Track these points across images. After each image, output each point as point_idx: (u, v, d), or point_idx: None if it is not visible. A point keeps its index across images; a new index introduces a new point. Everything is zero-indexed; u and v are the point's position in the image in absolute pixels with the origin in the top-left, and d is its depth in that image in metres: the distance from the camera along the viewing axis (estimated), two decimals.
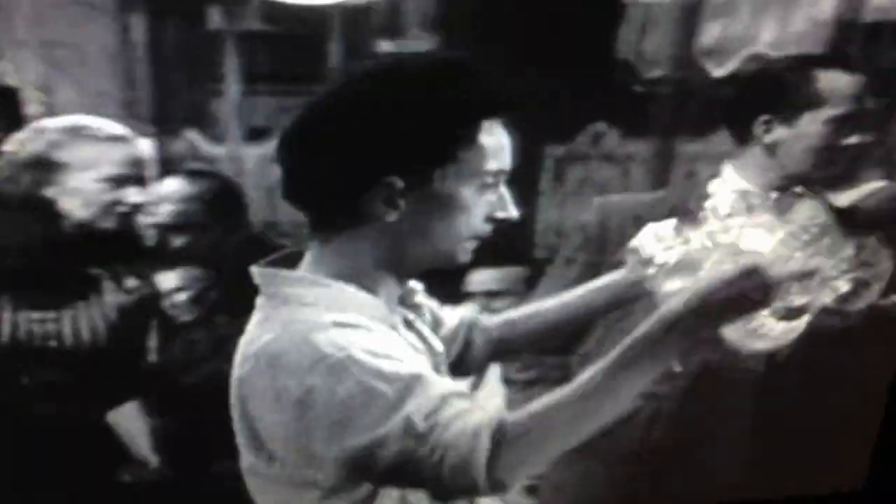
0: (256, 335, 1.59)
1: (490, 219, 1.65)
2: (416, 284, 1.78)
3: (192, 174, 3.35)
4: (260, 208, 2.83)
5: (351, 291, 1.61)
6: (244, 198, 2.84)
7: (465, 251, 1.66)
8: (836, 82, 2.42)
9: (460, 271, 2.18)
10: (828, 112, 2.41)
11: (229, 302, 2.61)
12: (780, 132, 2.46)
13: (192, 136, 3.57)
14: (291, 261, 1.68)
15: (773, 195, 2.40)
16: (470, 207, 1.61)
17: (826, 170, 2.45)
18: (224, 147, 2.95)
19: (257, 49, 3.25)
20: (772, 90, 2.51)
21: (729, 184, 2.50)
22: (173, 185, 3.21)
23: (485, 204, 1.63)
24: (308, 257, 1.66)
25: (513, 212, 1.66)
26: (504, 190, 1.66)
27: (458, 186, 1.60)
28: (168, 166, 3.60)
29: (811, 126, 2.43)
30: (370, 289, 1.63)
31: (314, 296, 1.59)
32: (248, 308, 1.64)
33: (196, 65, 3.09)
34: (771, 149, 2.46)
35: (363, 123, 1.55)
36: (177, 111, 3.13)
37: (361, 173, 1.57)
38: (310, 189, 1.63)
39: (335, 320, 1.53)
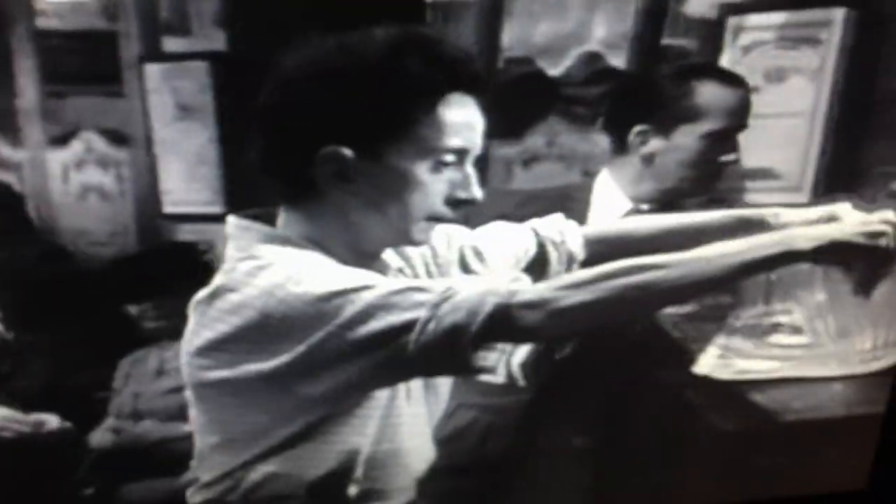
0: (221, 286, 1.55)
1: (450, 200, 1.59)
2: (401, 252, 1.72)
3: None
4: (67, 216, 2.62)
5: (316, 254, 1.57)
6: (23, 206, 2.63)
7: (422, 231, 1.60)
8: (715, 95, 2.34)
9: None
10: (704, 126, 2.31)
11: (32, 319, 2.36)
12: (655, 143, 2.35)
13: None
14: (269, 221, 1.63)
15: (644, 207, 2.36)
16: (425, 185, 1.56)
17: (700, 187, 2.36)
18: (25, 151, 2.74)
19: (56, 47, 3.05)
20: (647, 99, 2.42)
21: (604, 191, 2.40)
22: None
23: (444, 183, 1.58)
24: (281, 220, 1.63)
25: (475, 193, 1.59)
26: (469, 170, 1.59)
27: (413, 163, 1.55)
28: None
29: (686, 139, 2.33)
30: (334, 257, 1.59)
31: (281, 254, 1.55)
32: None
33: None
34: (647, 160, 2.36)
35: (315, 91, 1.52)
36: None
37: (310, 140, 1.53)
38: (266, 155, 1.59)
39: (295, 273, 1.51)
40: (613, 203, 2.36)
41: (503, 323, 1.44)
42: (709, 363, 1.90)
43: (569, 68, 2.82)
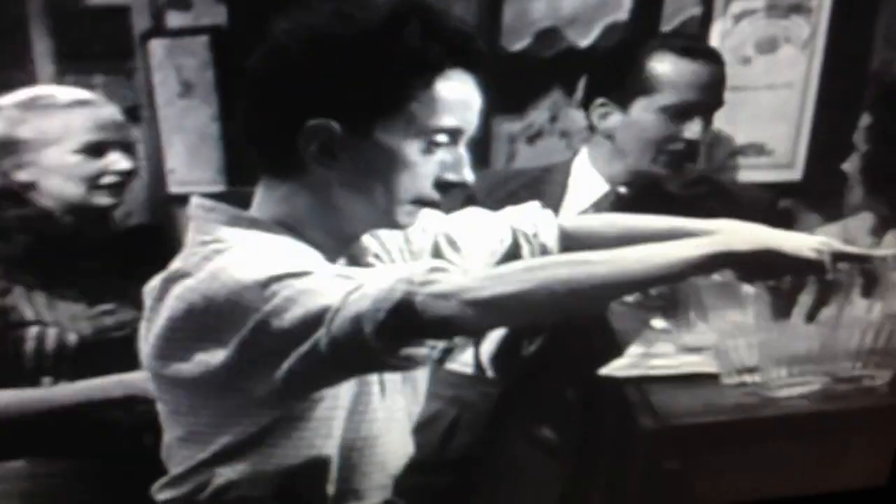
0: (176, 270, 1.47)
1: (440, 182, 1.50)
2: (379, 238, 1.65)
3: None
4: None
5: (284, 237, 1.49)
6: None
7: (408, 214, 1.51)
8: (672, 68, 2.20)
9: None
10: (660, 100, 2.20)
11: None
12: (614, 118, 2.25)
13: None
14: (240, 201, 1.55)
15: (622, 189, 2.28)
16: (414, 166, 1.47)
17: (673, 167, 2.25)
18: None
19: (65, 27, 3.17)
20: (607, 72, 2.32)
21: (581, 171, 2.32)
22: None
23: (434, 164, 1.49)
24: (255, 201, 1.54)
25: (467, 176, 1.51)
26: (462, 151, 1.50)
27: (403, 141, 1.45)
28: None
29: (643, 114, 2.22)
30: (306, 241, 1.50)
31: (244, 237, 1.47)
32: None
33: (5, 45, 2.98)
34: (609, 136, 2.26)
35: (307, 59, 1.43)
36: None
37: (297, 111, 1.44)
38: (254, 123, 1.50)
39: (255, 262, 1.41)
40: (589, 184, 2.28)
41: (413, 313, 1.33)
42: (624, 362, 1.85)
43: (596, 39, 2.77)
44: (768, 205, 2.38)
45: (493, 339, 2.22)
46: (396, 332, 1.33)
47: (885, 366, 1.68)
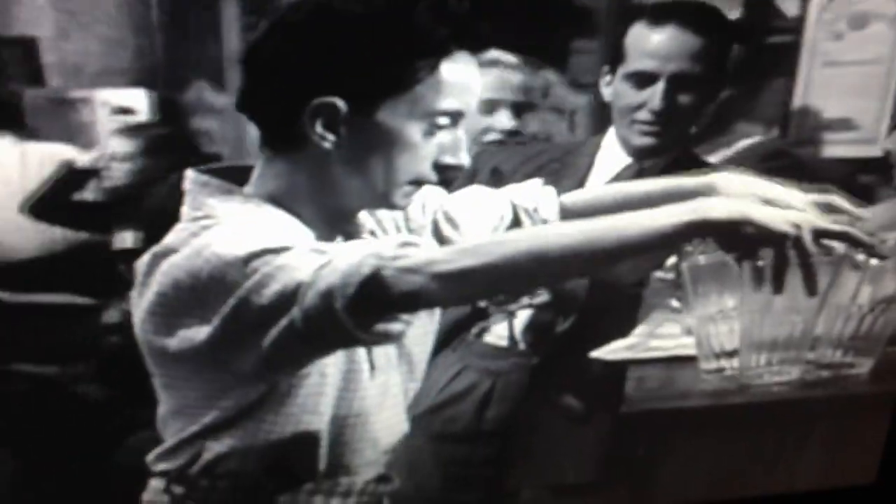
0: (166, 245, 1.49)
1: (437, 164, 1.52)
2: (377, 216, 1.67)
3: (132, 130, 3.41)
4: None
5: (277, 213, 1.51)
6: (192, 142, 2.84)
7: (405, 195, 1.53)
8: (638, 36, 2.17)
9: None
10: (625, 67, 2.18)
11: None
12: (607, 89, 2.25)
13: (200, 85, 3.66)
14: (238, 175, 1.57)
15: (646, 163, 2.24)
16: (415, 147, 1.48)
17: (641, 135, 2.20)
18: (227, 97, 2.92)
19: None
20: (608, 42, 2.35)
21: (608, 145, 2.29)
22: (118, 145, 3.30)
23: (434, 147, 1.50)
24: (254, 174, 1.56)
25: (463, 159, 1.52)
26: (461, 133, 1.52)
27: (406, 122, 1.47)
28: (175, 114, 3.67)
29: (617, 82, 2.20)
30: (301, 219, 1.52)
31: (234, 212, 1.49)
32: None
33: (200, 12, 3.08)
34: (608, 106, 2.25)
35: (315, 36, 1.44)
36: (187, 59, 3.13)
37: (303, 88, 1.45)
38: (258, 97, 1.52)
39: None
40: (613, 157, 2.25)
41: (382, 287, 1.33)
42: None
43: None
44: (847, 180, 2.31)
45: (527, 314, 2.24)
46: (366, 306, 1.34)
47: (867, 353, 1.67)
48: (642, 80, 2.15)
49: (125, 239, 2.78)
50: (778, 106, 2.64)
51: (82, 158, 3.33)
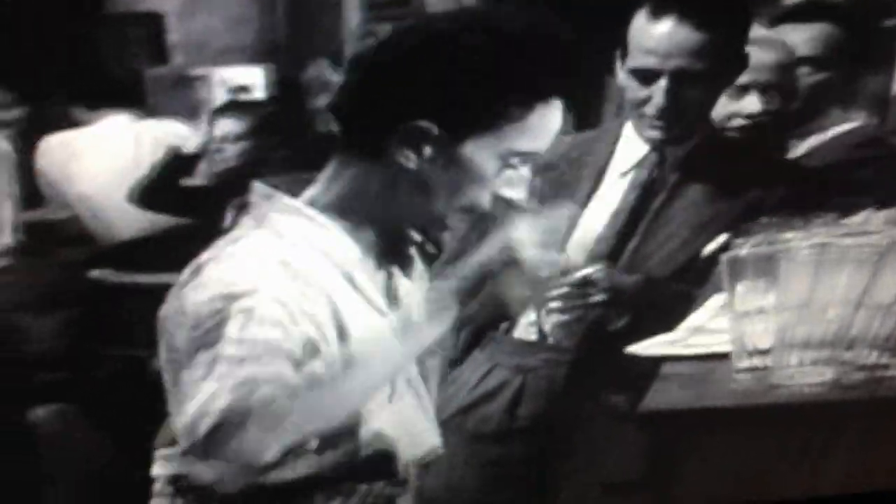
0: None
1: (496, 196, 1.55)
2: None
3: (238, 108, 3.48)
4: None
5: (332, 230, 1.53)
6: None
7: (458, 221, 1.59)
8: (637, 28, 2.09)
9: None
10: (627, 63, 2.11)
11: None
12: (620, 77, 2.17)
13: (320, 63, 3.73)
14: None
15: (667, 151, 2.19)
16: (486, 181, 1.51)
17: (651, 129, 2.13)
18: None
19: None
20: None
21: (628, 134, 2.23)
22: (227, 126, 3.37)
23: (500, 180, 1.53)
24: (324, 174, 1.58)
25: (521, 196, 1.55)
26: (526, 172, 1.55)
27: (487, 156, 1.50)
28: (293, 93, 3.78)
29: (621, 75, 2.13)
30: (356, 228, 1.54)
31: (292, 228, 1.52)
32: None
33: None
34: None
35: (435, 61, 1.48)
36: (310, 37, 3.26)
37: (404, 109, 1.48)
38: (356, 105, 1.55)
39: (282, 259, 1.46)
40: (633, 147, 2.19)
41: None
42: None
43: None
44: None
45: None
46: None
47: None
48: (645, 76, 2.08)
49: None
50: (880, 93, 2.54)
51: (194, 139, 3.41)
